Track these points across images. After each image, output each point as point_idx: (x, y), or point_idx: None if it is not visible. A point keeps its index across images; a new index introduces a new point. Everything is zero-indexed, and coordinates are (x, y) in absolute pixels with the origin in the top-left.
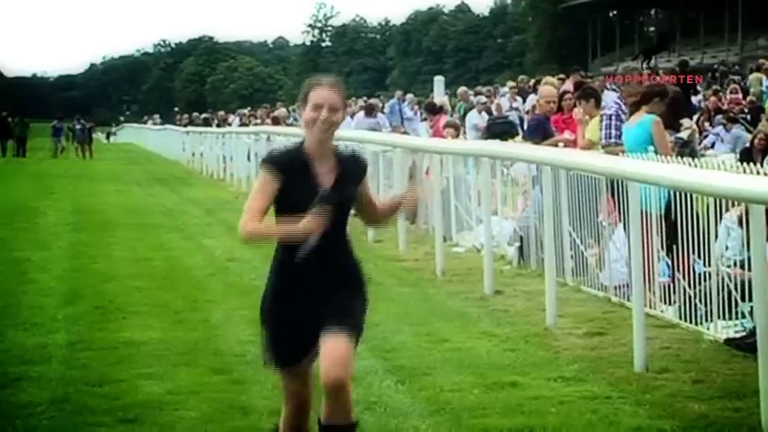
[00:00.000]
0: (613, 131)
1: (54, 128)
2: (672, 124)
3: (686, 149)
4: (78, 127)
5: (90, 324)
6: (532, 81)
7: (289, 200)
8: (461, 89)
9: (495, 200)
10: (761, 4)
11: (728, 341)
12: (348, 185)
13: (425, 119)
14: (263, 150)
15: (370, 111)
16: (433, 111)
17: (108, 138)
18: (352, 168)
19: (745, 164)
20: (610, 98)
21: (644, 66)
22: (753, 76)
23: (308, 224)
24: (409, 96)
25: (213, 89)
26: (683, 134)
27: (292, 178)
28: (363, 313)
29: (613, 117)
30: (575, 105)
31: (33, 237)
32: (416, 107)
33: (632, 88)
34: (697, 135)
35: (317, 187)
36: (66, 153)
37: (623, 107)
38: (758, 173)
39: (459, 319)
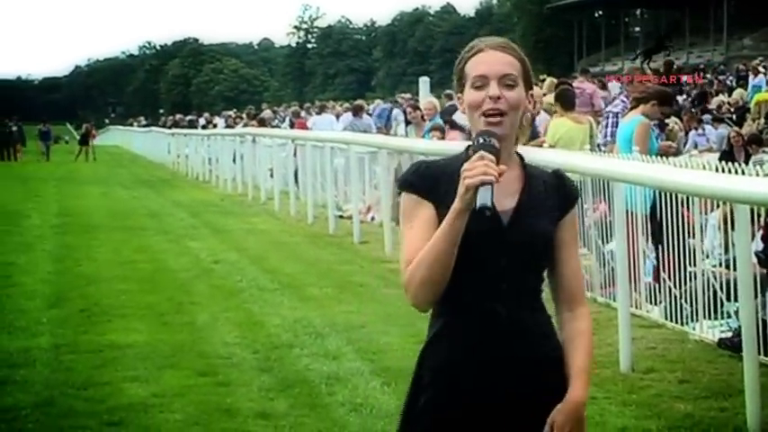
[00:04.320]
0: (610, 129)
1: (40, 131)
2: (659, 124)
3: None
4: (44, 130)
5: (75, 327)
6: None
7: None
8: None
9: None
10: (746, 5)
11: (721, 342)
12: (538, 216)
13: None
14: (248, 152)
15: (357, 111)
16: (452, 126)
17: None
18: (548, 190)
19: (726, 163)
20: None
21: (644, 65)
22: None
23: (471, 172)
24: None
25: (198, 91)
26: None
27: (445, 200)
28: None
29: (620, 115)
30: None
31: (18, 240)
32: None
33: (637, 87)
34: (681, 134)
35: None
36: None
37: (628, 105)
38: (743, 173)
39: None
